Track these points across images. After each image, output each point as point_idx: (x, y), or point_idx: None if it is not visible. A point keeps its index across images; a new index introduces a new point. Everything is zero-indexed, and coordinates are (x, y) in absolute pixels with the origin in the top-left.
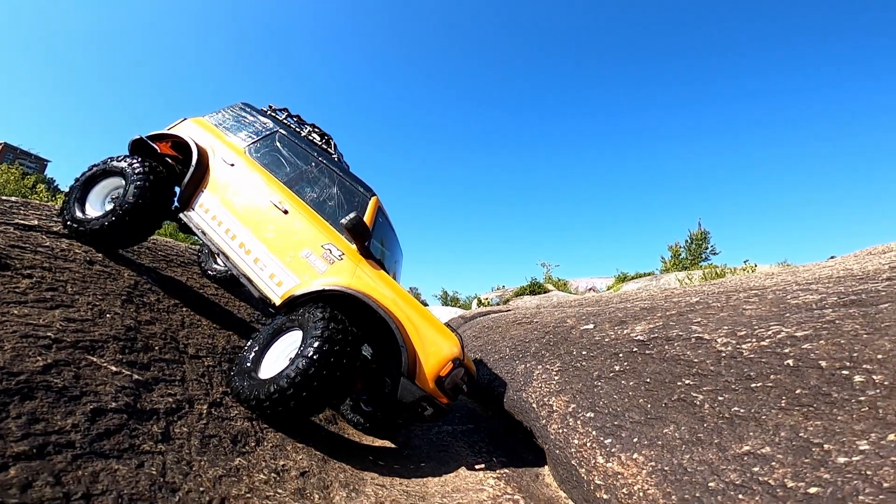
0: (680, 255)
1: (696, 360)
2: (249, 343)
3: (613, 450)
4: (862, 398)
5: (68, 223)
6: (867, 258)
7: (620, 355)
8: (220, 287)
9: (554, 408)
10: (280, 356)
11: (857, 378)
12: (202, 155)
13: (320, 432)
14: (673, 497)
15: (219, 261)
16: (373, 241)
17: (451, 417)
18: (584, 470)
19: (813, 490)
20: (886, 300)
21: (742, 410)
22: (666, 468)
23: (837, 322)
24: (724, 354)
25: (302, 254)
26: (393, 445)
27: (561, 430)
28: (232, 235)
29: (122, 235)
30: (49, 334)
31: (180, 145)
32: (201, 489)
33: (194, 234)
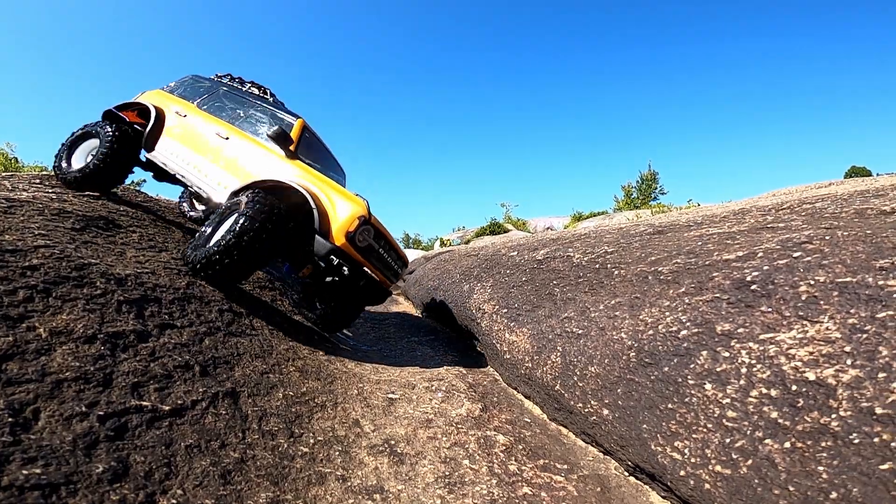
0: (632, 194)
1: (561, 269)
2: (205, 225)
3: (513, 327)
4: (606, 283)
5: (59, 174)
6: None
7: (527, 270)
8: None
9: (485, 310)
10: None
11: (616, 272)
12: (159, 112)
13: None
14: (536, 346)
15: (195, 205)
16: (303, 152)
17: (416, 331)
18: (497, 343)
19: (552, 335)
20: (669, 230)
21: (570, 295)
22: (535, 333)
23: (631, 242)
24: (574, 264)
25: (240, 163)
26: (377, 349)
27: (488, 323)
28: (187, 163)
29: (96, 181)
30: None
31: (143, 112)
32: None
33: (160, 173)
